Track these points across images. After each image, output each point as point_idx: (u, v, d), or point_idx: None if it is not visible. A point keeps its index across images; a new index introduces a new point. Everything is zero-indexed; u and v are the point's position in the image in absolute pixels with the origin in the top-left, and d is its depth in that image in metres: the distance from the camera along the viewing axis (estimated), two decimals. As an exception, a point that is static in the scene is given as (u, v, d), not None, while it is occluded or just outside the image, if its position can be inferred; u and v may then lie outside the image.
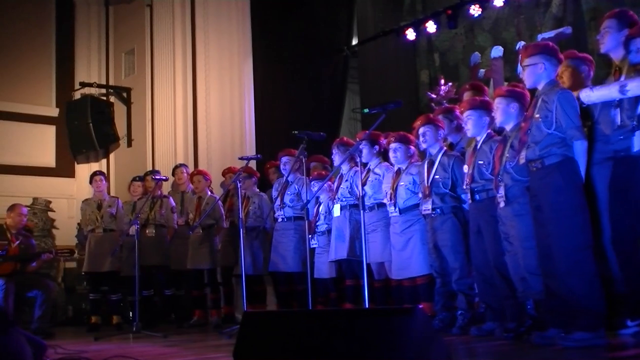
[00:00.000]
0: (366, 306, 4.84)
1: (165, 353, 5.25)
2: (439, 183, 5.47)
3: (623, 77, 4.24)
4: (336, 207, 6.47)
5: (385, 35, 10.49)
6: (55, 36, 11.43)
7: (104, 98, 11.10)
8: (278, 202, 7.16)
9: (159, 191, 8.21)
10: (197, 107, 9.79)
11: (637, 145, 4.10)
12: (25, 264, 7.28)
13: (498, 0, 8.81)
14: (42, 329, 6.96)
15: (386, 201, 5.98)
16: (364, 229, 5.06)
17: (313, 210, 6.94)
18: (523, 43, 8.39)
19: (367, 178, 6.25)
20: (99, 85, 11.08)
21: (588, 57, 4.94)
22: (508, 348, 4.41)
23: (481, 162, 4.96)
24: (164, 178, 7.87)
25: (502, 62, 8.95)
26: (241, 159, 6.82)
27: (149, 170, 8.94)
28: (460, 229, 5.39)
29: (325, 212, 6.81)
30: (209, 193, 7.95)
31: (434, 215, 5.47)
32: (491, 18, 9.41)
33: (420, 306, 3.16)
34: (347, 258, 6.25)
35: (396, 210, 5.85)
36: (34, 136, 10.98)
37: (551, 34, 7.87)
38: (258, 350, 3.48)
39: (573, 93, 4.32)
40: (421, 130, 5.60)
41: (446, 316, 5.50)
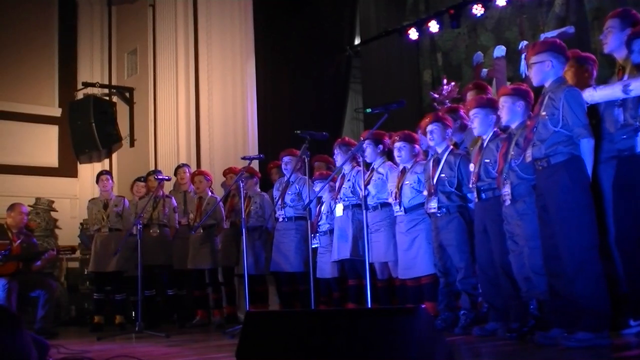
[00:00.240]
0: (369, 306, 4.84)
1: (168, 353, 5.25)
2: (445, 181, 5.45)
3: (626, 77, 4.23)
4: (338, 207, 6.46)
5: (388, 35, 10.48)
6: (57, 36, 11.43)
7: (107, 98, 11.11)
8: (279, 202, 7.15)
9: (161, 191, 8.21)
10: (200, 107, 9.78)
11: None
12: (28, 263, 7.28)
13: (501, 0, 8.79)
14: (45, 329, 6.96)
15: (391, 200, 5.97)
16: (366, 228, 5.06)
17: (315, 210, 6.94)
18: (526, 43, 8.36)
19: (371, 177, 6.24)
20: (102, 85, 11.08)
21: (591, 57, 4.92)
22: (511, 348, 4.40)
23: (487, 161, 4.94)
24: (167, 178, 7.87)
25: (505, 62, 8.92)
26: (244, 158, 6.81)
27: (151, 170, 8.94)
28: (466, 228, 5.37)
29: (328, 212, 6.81)
30: (210, 193, 7.95)
31: (439, 215, 5.45)
32: (494, 18, 9.40)
33: (422, 306, 3.15)
34: (350, 258, 6.25)
35: (401, 209, 5.84)
36: (36, 136, 10.98)
37: (554, 33, 7.83)
38: (261, 350, 3.47)
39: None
40: (429, 127, 5.57)
41: (449, 316, 5.50)
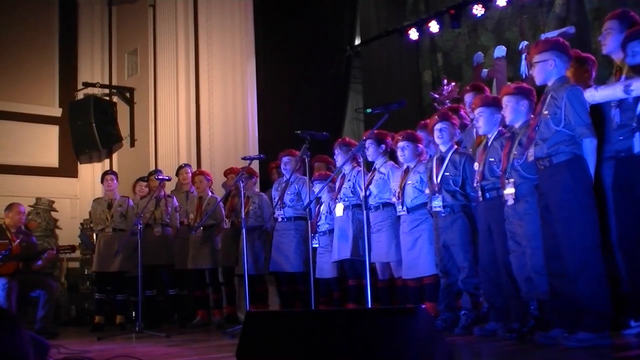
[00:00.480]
0: (369, 306, 4.84)
1: (168, 353, 5.25)
2: (449, 180, 5.42)
3: (624, 78, 4.22)
4: (339, 207, 6.45)
5: (388, 35, 10.47)
6: (58, 36, 11.43)
7: (107, 98, 11.10)
8: (278, 202, 7.15)
9: (162, 191, 8.21)
10: (200, 107, 9.78)
11: (638, 147, 4.09)
12: (29, 262, 7.28)
13: (501, 0, 8.78)
14: (46, 329, 6.96)
15: (394, 200, 5.95)
16: (366, 228, 5.05)
17: (314, 210, 6.93)
18: (526, 43, 8.37)
19: (373, 177, 6.23)
20: (102, 86, 11.08)
21: (590, 57, 4.92)
22: (511, 348, 4.40)
23: (492, 160, 4.91)
24: (167, 178, 7.87)
25: (505, 62, 8.93)
26: (244, 159, 6.81)
27: (152, 170, 8.94)
28: (469, 227, 5.35)
29: (327, 212, 6.80)
30: (210, 193, 7.95)
31: (443, 214, 5.42)
32: (494, 18, 9.40)
33: (423, 306, 3.15)
34: (351, 258, 6.25)
35: (404, 209, 5.83)
36: (37, 136, 10.99)
37: (554, 33, 7.83)
38: (261, 350, 3.47)
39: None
40: (439, 126, 5.51)
41: (449, 316, 5.49)
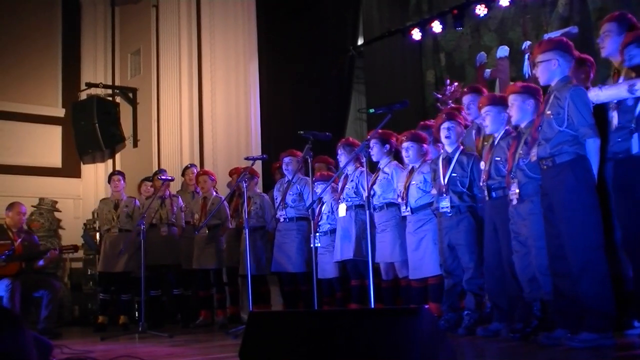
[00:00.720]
0: (372, 306, 4.84)
1: (171, 353, 5.25)
2: (457, 181, 5.39)
3: (622, 79, 4.21)
4: (341, 207, 6.44)
5: (391, 36, 10.47)
6: (61, 37, 11.45)
7: (110, 98, 11.11)
8: (280, 203, 7.15)
9: (167, 191, 8.22)
10: (203, 107, 9.78)
11: (636, 148, 4.08)
12: (31, 262, 7.28)
13: (504, 0, 8.78)
14: (49, 329, 6.97)
15: (399, 200, 5.93)
16: (369, 229, 5.04)
17: (316, 210, 6.92)
18: (529, 43, 8.38)
19: (377, 177, 6.23)
20: (105, 86, 11.09)
21: (589, 59, 4.90)
22: (515, 348, 4.39)
23: (498, 159, 4.89)
24: (170, 178, 7.88)
25: (508, 62, 8.93)
26: (247, 159, 6.81)
27: (157, 170, 8.95)
28: (475, 228, 5.32)
29: (329, 212, 6.80)
30: (214, 193, 7.96)
31: (449, 214, 5.39)
32: (497, 18, 9.39)
33: (426, 306, 3.15)
34: (354, 258, 6.25)
35: (407, 209, 5.82)
36: (40, 137, 11.00)
37: (557, 33, 7.83)
38: (264, 350, 3.47)
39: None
40: (446, 125, 5.46)
41: (452, 316, 5.47)
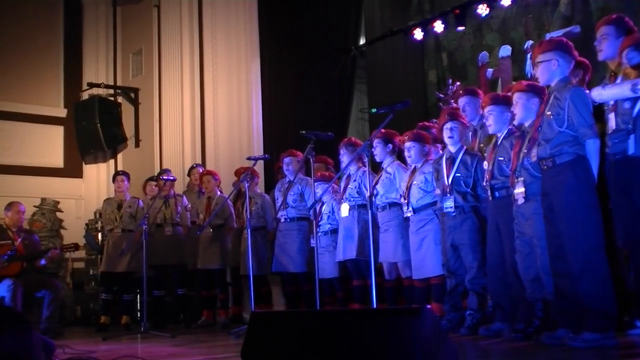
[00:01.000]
0: (374, 306, 4.83)
1: (173, 353, 5.25)
2: (461, 181, 5.38)
3: (620, 78, 4.20)
4: (344, 207, 6.44)
5: (393, 35, 10.46)
6: (63, 37, 11.45)
7: (112, 98, 11.11)
8: (281, 202, 7.14)
9: (172, 191, 8.23)
10: (205, 107, 9.78)
11: (632, 149, 4.08)
12: (33, 262, 7.28)
13: (506, 0, 8.76)
14: (51, 329, 6.97)
15: (402, 200, 5.93)
16: (371, 229, 5.04)
17: (316, 211, 6.92)
18: (531, 42, 8.36)
19: (380, 177, 6.22)
20: (107, 86, 11.09)
21: (585, 62, 4.90)
22: (517, 348, 4.39)
23: (501, 159, 4.88)
24: (172, 178, 7.88)
25: (510, 62, 8.91)
26: (249, 159, 6.82)
27: (161, 170, 8.96)
28: (479, 227, 5.32)
29: (329, 213, 6.80)
30: (219, 193, 7.95)
31: (453, 214, 5.38)
32: (499, 17, 9.37)
33: (428, 306, 3.14)
34: (356, 258, 6.24)
35: (409, 209, 5.81)
36: (42, 137, 11.01)
37: (559, 33, 7.81)
38: (266, 350, 3.47)
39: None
40: (449, 125, 5.45)
41: (454, 316, 5.47)
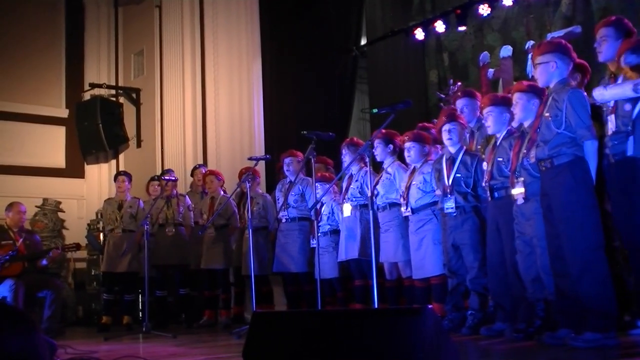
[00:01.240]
0: (375, 306, 4.83)
1: (174, 353, 5.25)
2: (461, 182, 5.38)
3: (621, 78, 4.20)
4: (346, 207, 6.44)
5: (394, 36, 10.46)
6: (65, 37, 11.47)
7: (114, 99, 11.13)
8: (282, 203, 7.15)
9: (175, 191, 8.23)
10: (206, 108, 9.79)
11: (631, 150, 4.08)
12: (34, 262, 7.28)
13: (507, 0, 8.77)
14: (52, 329, 6.97)
15: (402, 200, 5.93)
16: (372, 229, 5.04)
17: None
18: (532, 42, 8.35)
19: (380, 177, 6.23)
20: (109, 86, 11.11)
21: (584, 64, 4.91)
22: (518, 348, 4.39)
23: (500, 159, 4.89)
24: (173, 178, 7.87)
25: (512, 62, 8.91)
26: (250, 159, 6.83)
27: (165, 170, 8.96)
28: (480, 227, 5.32)
29: (329, 213, 6.80)
30: (222, 193, 7.96)
31: (454, 214, 5.38)
32: (500, 17, 9.37)
33: (429, 306, 3.14)
34: (359, 258, 6.25)
35: (408, 209, 5.82)
36: (43, 137, 11.02)
37: (561, 33, 7.82)
38: (267, 350, 3.47)
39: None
40: (447, 127, 5.46)
41: (456, 316, 5.47)
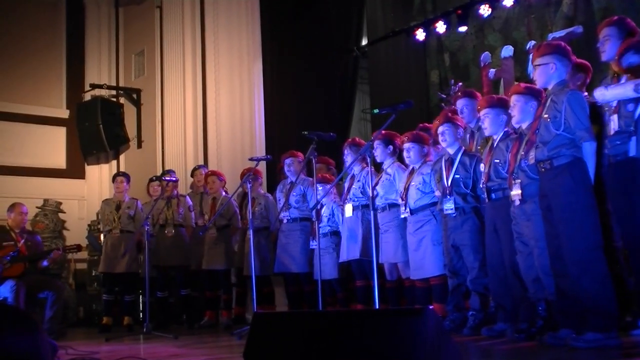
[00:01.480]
0: (376, 307, 4.83)
1: (175, 354, 5.25)
2: (460, 182, 5.40)
3: (624, 78, 4.20)
4: (348, 208, 6.45)
5: (395, 36, 10.45)
6: (65, 38, 11.47)
7: (114, 99, 11.13)
8: (283, 203, 7.15)
9: (175, 191, 8.23)
10: (207, 108, 9.79)
11: (633, 151, 4.07)
12: (35, 263, 7.27)
13: (508, 0, 8.76)
14: (53, 330, 6.96)
15: (400, 201, 5.95)
16: (373, 229, 5.03)
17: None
18: (534, 42, 8.33)
19: (380, 178, 6.23)
20: (109, 87, 11.11)
21: (586, 64, 4.90)
22: (520, 349, 4.39)
23: (497, 161, 4.91)
24: (174, 179, 7.87)
25: (513, 62, 8.89)
26: (251, 159, 6.83)
27: (165, 170, 8.95)
28: (480, 228, 5.32)
29: (329, 215, 6.80)
30: (224, 193, 7.95)
31: (454, 215, 5.40)
32: (501, 18, 9.36)
33: (430, 307, 3.14)
34: (360, 258, 6.24)
35: (407, 210, 5.82)
36: (44, 138, 11.02)
37: (562, 33, 7.79)
38: (268, 351, 3.47)
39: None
40: (440, 129, 5.52)
41: (457, 317, 5.47)
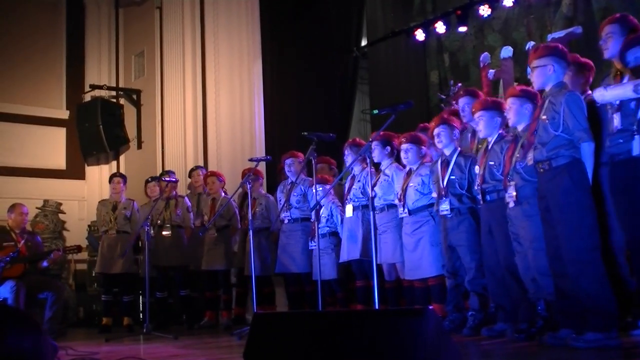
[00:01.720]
0: (376, 307, 4.83)
1: (175, 354, 5.25)
2: (456, 183, 5.42)
3: (627, 78, 4.20)
4: (348, 208, 6.45)
5: (395, 36, 10.46)
6: (65, 38, 11.48)
7: (114, 100, 11.14)
8: (284, 204, 7.15)
9: (174, 192, 8.23)
10: (207, 109, 9.80)
11: (637, 150, 4.05)
12: (35, 263, 7.28)
13: (508, 0, 8.77)
14: (53, 331, 6.97)
15: (397, 202, 5.96)
16: (373, 229, 5.04)
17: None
18: (533, 43, 8.34)
19: (378, 179, 6.24)
20: (109, 88, 11.12)
21: (589, 63, 4.91)
22: (520, 349, 4.39)
23: (492, 163, 4.94)
24: (173, 180, 7.87)
25: (512, 63, 8.90)
26: (251, 160, 6.83)
27: (164, 171, 8.95)
28: (476, 228, 5.33)
29: (328, 216, 6.81)
30: (223, 194, 7.95)
31: (450, 216, 5.42)
32: (501, 18, 9.36)
33: (430, 307, 3.14)
34: (360, 258, 6.24)
35: (405, 211, 5.83)
36: (44, 138, 11.03)
37: (561, 33, 7.81)
38: (269, 351, 3.47)
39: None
40: (436, 131, 5.55)
41: (457, 317, 5.48)
